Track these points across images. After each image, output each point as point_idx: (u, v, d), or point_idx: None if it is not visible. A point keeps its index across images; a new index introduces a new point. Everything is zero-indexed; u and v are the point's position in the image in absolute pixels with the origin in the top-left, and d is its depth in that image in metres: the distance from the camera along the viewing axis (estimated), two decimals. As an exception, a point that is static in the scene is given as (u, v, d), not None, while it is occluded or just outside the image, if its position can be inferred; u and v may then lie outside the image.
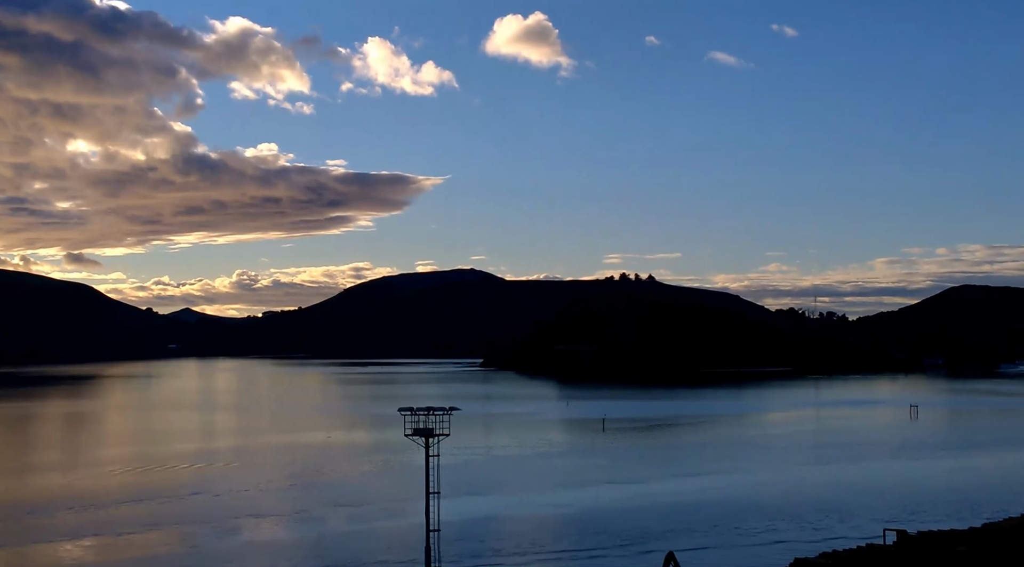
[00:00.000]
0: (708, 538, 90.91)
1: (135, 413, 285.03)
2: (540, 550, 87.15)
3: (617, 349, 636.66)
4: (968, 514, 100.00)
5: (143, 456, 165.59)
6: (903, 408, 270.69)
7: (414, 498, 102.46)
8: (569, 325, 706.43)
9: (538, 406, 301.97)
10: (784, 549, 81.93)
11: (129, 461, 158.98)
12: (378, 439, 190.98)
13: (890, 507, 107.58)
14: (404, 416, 67.30)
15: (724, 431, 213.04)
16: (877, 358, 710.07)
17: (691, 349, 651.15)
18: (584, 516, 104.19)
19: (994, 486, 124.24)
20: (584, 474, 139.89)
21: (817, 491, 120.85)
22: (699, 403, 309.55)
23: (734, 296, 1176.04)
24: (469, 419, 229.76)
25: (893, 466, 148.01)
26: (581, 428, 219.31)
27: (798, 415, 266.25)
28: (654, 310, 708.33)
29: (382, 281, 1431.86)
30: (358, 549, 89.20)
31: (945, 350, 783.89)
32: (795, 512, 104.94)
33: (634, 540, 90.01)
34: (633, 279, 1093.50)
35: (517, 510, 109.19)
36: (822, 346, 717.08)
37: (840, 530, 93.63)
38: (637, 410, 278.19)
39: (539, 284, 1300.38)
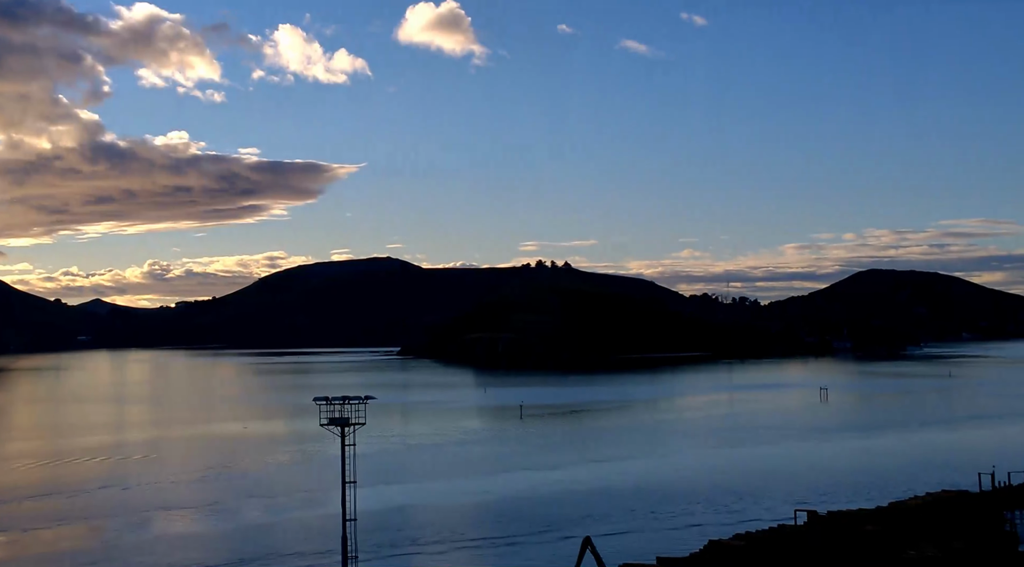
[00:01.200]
0: (625, 523, 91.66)
1: (42, 407, 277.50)
2: (458, 538, 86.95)
3: (534, 336, 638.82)
4: (876, 494, 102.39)
5: (50, 450, 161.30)
6: (813, 391, 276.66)
7: (330, 488, 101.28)
8: (486, 313, 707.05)
9: (456, 394, 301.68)
10: (700, 532, 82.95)
11: (35, 456, 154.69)
12: (294, 429, 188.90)
13: (801, 488, 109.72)
14: (319, 406, 66.41)
15: (640, 416, 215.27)
16: (788, 342, 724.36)
17: (607, 335, 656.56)
18: (502, 503, 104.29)
19: (900, 466, 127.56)
20: (501, 461, 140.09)
21: (731, 474, 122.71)
22: (615, 389, 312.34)
23: (649, 282, 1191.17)
24: (386, 408, 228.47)
25: (804, 448, 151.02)
26: (499, 415, 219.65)
27: (712, 399, 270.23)
28: (570, 297, 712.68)
29: (297, 270, 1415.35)
30: (274, 540, 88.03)
31: (853, 333, 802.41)
32: (710, 495, 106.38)
33: (552, 527, 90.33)
34: (550, 266, 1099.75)
35: (435, 499, 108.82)
36: (735, 331, 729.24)
37: (754, 512, 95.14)
38: (554, 397, 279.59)
39: (456, 272, 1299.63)
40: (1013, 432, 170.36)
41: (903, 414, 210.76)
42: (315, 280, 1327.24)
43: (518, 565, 77.23)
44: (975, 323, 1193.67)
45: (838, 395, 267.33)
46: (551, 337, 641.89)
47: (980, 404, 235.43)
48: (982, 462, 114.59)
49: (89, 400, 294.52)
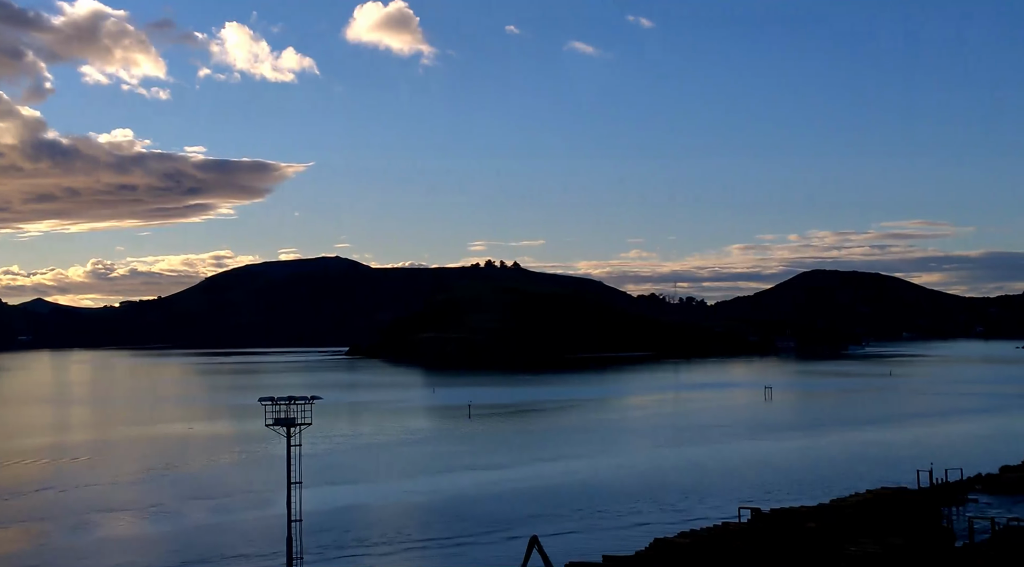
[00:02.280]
0: (572, 522, 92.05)
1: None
2: (405, 539, 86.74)
3: (483, 336, 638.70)
4: (818, 491, 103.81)
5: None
6: (758, 390, 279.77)
7: (275, 489, 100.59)
8: (435, 312, 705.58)
9: (404, 394, 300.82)
10: (646, 531, 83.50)
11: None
12: (240, 430, 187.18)
13: (746, 486, 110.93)
14: (265, 406, 65.90)
15: (587, 416, 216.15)
16: (733, 341, 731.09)
17: (556, 335, 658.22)
18: (449, 503, 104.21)
19: (841, 463, 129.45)
20: (449, 461, 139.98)
21: (677, 473, 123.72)
22: (563, 388, 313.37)
23: (597, 282, 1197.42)
24: (334, 408, 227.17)
25: (749, 446, 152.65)
26: (447, 415, 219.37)
27: (659, 399, 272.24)
28: (519, 297, 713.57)
29: (245, 269, 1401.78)
30: (218, 542, 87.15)
31: (797, 333, 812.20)
32: (656, 494, 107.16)
33: (499, 526, 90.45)
34: (499, 266, 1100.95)
35: (382, 499, 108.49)
36: (682, 330, 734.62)
37: (699, 510, 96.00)
38: (502, 396, 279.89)
39: (405, 272, 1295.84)
40: (950, 430, 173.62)
41: (844, 412, 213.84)
42: (262, 280, 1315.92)
43: (465, 565, 77.25)
44: (915, 322, 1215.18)
45: (782, 394, 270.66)
46: (500, 337, 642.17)
47: (919, 402, 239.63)
48: (920, 459, 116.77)
49: (28, 401, 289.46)
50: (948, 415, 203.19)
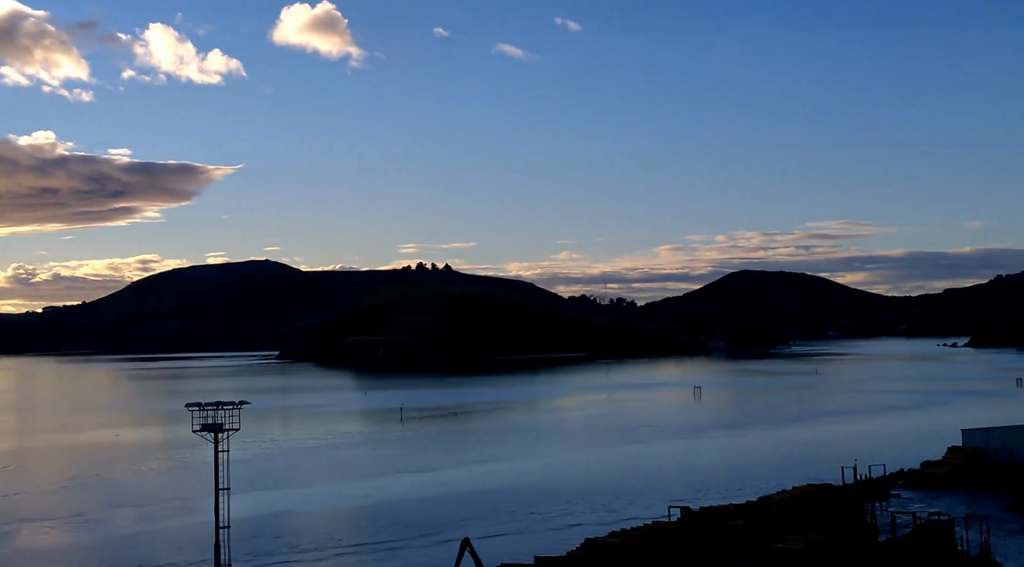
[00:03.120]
0: (504, 524, 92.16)
1: None
2: (337, 544, 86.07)
3: (415, 338, 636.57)
4: (747, 489, 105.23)
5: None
6: (688, 390, 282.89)
7: (203, 495, 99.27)
8: (366, 315, 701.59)
9: (335, 397, 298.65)
10: (578, 532, 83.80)
11: None
12: (167, 436, 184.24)
13: (676, 485, 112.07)
14: (192, 412, 65.00)
15: (519, 417, 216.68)
16: (664, 342, 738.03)
17: (488, 337, 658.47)
18: (381, 507, 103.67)
19: (769, 461, 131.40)
20: (381, 464, 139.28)
21: (608, 473, 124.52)
22: (495, 390, 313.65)
23: (528, 284, 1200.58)
24: (263, 413, 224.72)
25: (679, 446, 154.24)
26: (378, 418, 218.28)
27: (590, 399, 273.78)
28: (451, 299, 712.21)
29: (172, 274, 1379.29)
30: (144, 550, 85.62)
31: (726, 332, 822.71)
32: (588, 495, 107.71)
33: (431, 529, 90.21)
34: (430, 268, 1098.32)
35: (312, 504, 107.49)
36: (613, 331, 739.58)
37: (630, 510, 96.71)
38: (435, 399, 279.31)
39: (335, 275, 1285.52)
40: (874, 427, 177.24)
41: (772, 411, 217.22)
42: (190, 283, 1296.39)
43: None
44: (840, 321, 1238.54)
45: (711, 393, 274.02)
46: (432, 339, 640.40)
47: (843, 400, 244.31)
48: (845, 456, 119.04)
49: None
50: (872, 412, 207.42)
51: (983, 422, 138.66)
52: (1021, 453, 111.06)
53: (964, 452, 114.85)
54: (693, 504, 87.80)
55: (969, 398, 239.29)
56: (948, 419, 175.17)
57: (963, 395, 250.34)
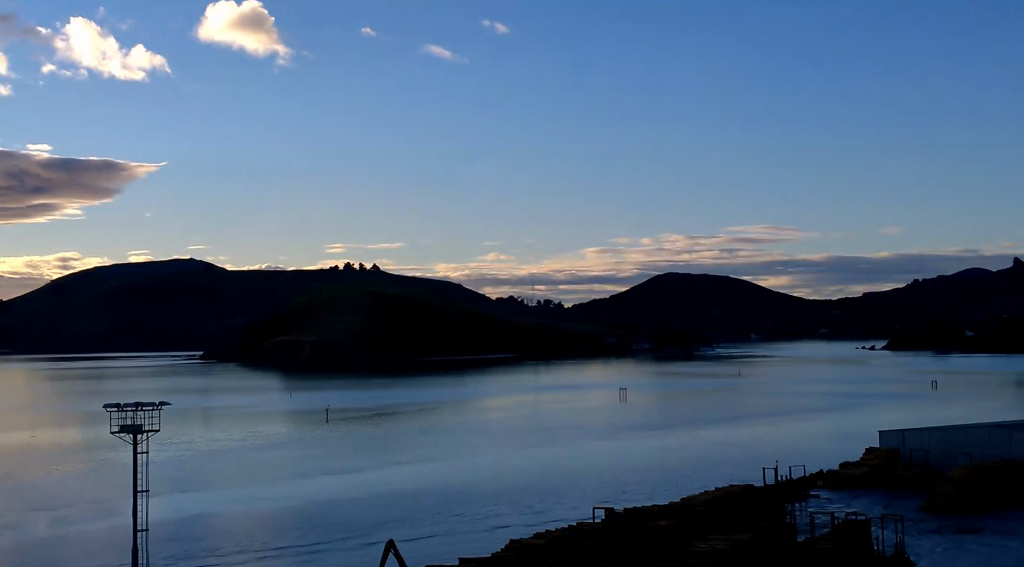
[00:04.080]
0: (429, 526, 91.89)
1: None
2: (260, 547, 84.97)
3: (342, 339, 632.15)
4: (671, 489, 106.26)
5: None
6: (614, 391, 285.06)
7: (122, 498, 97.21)
8: (293, 316, 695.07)
9: (260, 398, 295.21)
10: (504, 533, 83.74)
11: None
12: (85, 437, 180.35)
13: (601, 487, 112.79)
14: (110, 413, 63.77)
15: (446, 418, 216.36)
16: (590, 343, 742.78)
17: (415, 338, 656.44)
18: (305, 509, 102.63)
19: (692, 462, 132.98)
20: (306, 466, 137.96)
21: (534, 474, 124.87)
22: (422, 391, 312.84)
23: (456, 285, 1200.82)
24: (186, 413, 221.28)
25: (605, 447, 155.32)
26: (304, 419, 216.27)
27: (517, 401, 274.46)
28: (378, 300, 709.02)
29: (93, 272, 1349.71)
30: (59, 555, 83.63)
31: (652, 335, 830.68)
32: (513, 496, 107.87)
33: (356, 532, 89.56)
34: (358, 268, 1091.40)
35: (234, 506, 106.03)
36: (540, 333, 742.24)
37: (556, 511, 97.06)
38: (361, 400, 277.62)
39: (261, 274, 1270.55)
40: (794, 428, 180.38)
41: (696, 412, 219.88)
42: (111, 282, 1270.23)
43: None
44: (763, 324, 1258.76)
45: (636, 395, 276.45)
46: (359, 340, 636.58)
47: (765, 402, 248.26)
48: (766, 457, 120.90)
49: None
50: (793, 414, 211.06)
51: (899, 424, 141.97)
52: (936, 454, 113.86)
53: (881, 453, 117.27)
54: (618, 505, 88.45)
55: (886, 400, 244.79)
56: (866, 420, 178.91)
57: (880, 397, 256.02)
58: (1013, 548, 76.03)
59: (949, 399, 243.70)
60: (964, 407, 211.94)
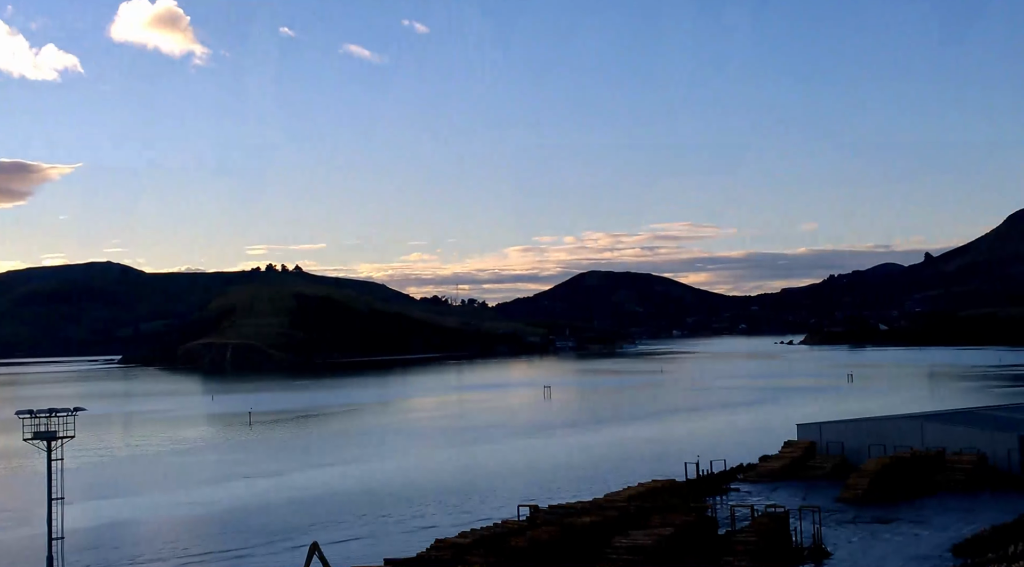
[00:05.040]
0: (355, 528, 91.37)
1: None
2: (181, 553, 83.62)
3: (264, 341, 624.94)
4: (596, 486, 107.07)
5: None
6: (538, 389, 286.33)
7: (36, 506, 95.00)
8: (213, 318, 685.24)
9: (180, 402, 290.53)
10: (430, 533, 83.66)
11: None
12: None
13: (527, 485, 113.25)
14: (23, 419, 62.34)
15: (370, 419, 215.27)
16: (515, 342, 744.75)
17: (338, 339, 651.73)
18: (228, 514, 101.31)
19: (616, 458, 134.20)
20: (228, 470, 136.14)
21: (459, 474, 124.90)
22: (346, 392, 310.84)
23: (380, 285, 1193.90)
24: (103, 419, 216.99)
25: (530, 445, 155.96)
26: (226, 423, 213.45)
27: (441, 400, 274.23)
28: (301, 301, 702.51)
29: (4, 276, 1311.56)
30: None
31: (575, 332, 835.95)
32: (439, 496, 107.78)
33: (280, 535, 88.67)
34: (280, 270, 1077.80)
35: (154, 512, 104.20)
36: (464, 332, 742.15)
37: (482, 510, 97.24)
38: (284, 402, 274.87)
39: (181, 277, 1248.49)
40: (715, 423, 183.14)
41: (619, 409, 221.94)
42: (24, 286, 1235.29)
43: (243, 576, 75.42)
44: (684, 320, 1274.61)
45: (560, 393, 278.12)
46: (281, 342, 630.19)
47: (687, 398, 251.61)
48: (688, 452, 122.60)
49: None
50: (714, 409, 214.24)
51: (817, 417, 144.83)
52: (851, 446, 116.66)
53: (799, 446, 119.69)
54: (542, 502, 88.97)
55: (804, 394, 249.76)
56: (784, 414, 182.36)
57: (798, 391, 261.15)
58: (925, 536, 78.21)
59: (864, 392, 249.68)
60: (878, 399, 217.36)
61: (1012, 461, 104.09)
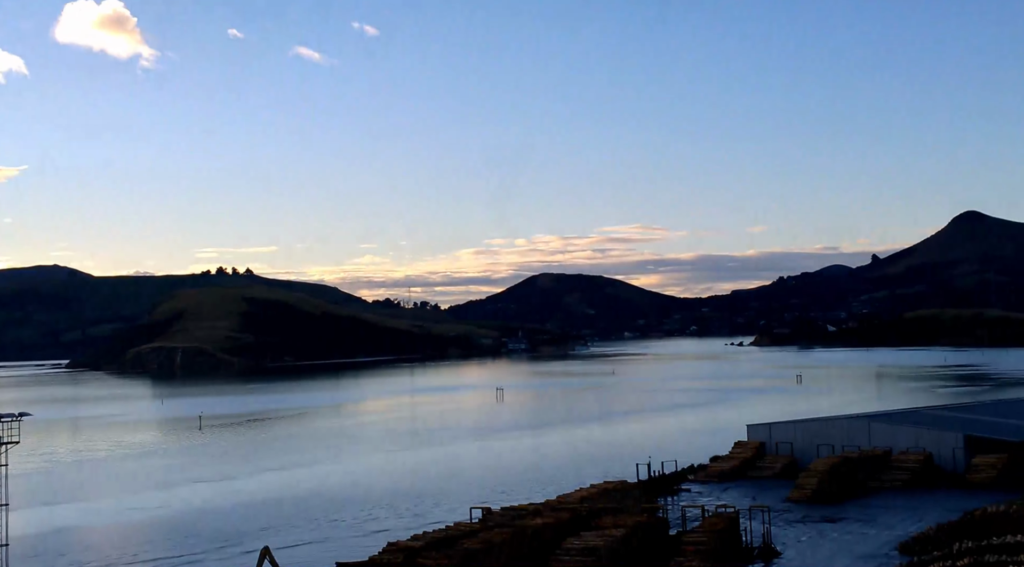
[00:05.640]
0: (307, 532, 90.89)
1: None
2: (130, 559, 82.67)
3: (214, 345, 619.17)
4: (549, 488, 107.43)
5: None
6: (490, 392, 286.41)
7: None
8: (163, 322, 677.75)
9: (129, 407, 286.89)
10: (382, 537, 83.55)
11: None
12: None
13: (480, 487, 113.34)
14: (-33, 426, 61.35)
15: (322, 423, 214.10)
16: (467, 344, 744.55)
17: (290, 342, 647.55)
18: (178, 519, 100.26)
19: (568, 460, 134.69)
20: (178, 474, 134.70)
21: (412, 477, 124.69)
22: (297, 396, 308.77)
23: (332, 288, 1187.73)
24: (49, 424, 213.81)
25: (482, 447, 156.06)
26: (176, 427, 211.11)
27: (393, 403, 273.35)
28: (252, 304, 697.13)
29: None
30: (-85, 577, 79.90)
31: (527, 334, 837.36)
32: (392, 499, 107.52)
33: (231, 540, 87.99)
34: (231, 273, 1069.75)
35: (102, 518, 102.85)
36: (416, 335, 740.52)
37: (434, 513, 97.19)
38: (235, 406, 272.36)
39: (130, 280, 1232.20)
40: (666, 424, 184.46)
41: (571, 411, 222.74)
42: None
43: (193, 582, 74.78)
44: (635, 322, 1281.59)
45: (513, 395, 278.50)
46: (232, 345, 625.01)
47: (639, 399, 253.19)
48: (640, 453, 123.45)
49: None
50: (665, 410, 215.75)
51: (766, 417, 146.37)
52: (800, 446, 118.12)
53: (749, 446, 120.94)
54: (495, 504, 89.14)
55: (754, 394, 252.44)
56: (734, 415, 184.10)
57: (748, 392, 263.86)
58: (871, 535, 79.44)
59: (812, 392, 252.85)
60: (826, 400, 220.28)
61: (957, 460, 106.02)
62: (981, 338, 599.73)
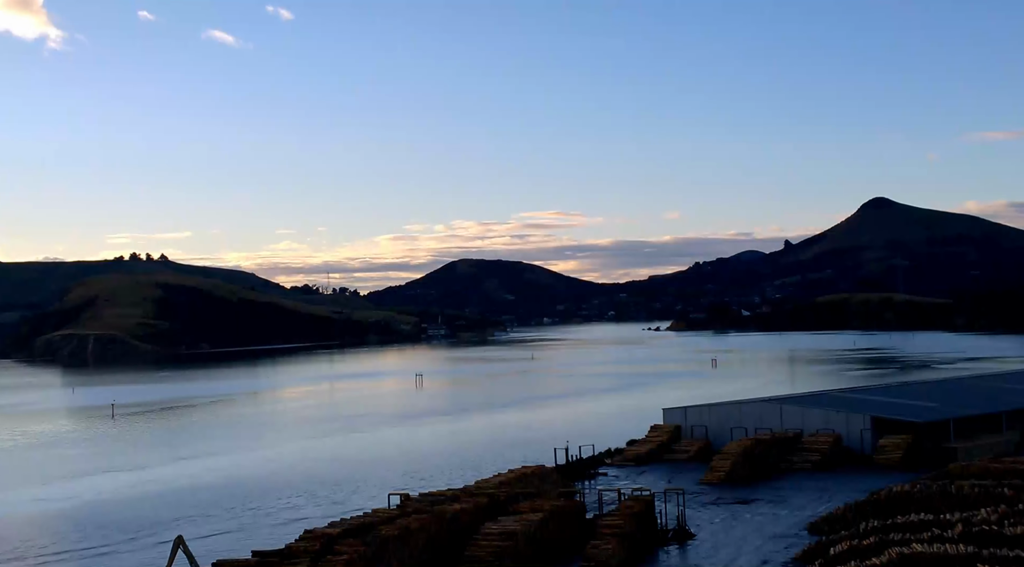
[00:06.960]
0: (222, 521, 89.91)
1: None
2: (38, 552, 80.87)
3: (127, 332, 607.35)
4: (468, 474, 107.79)
5: None
6: (409, 378, 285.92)
7: None
8: (73, 309, 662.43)
9: (37, 395, 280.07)
10: (300, 525, 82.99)
11: None
12: None
13: (398, 473, 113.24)
14: None
15: (238, 410, 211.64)
16: (386, 330, 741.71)
17: (205, 328, 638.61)
18: (88, 510, 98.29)
19: (488, 446, 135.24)
20: (88, 464, 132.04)
21: (330, 464, 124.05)
22: (213, 383, 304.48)
23: (249, 274, 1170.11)
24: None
25: (401, 434, 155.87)
26: (87, 416, 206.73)
27: (311, 390, 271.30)
28: (166, 291, 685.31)
29: None
30: None
31: (447, 320, 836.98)
32: (309, 487, 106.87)
33: (144, 531, 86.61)
34: (145, 259, 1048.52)
35: (10, 509, 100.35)
36: (335, 321, 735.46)
37: (353, 500, 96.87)
38: (149, 394, 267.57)
39: (38, 266, 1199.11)
40: (585, 408, 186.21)
41: (490, 396, 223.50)
42: None
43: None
44: (554, 308, 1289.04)
45: (432, 381, 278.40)
46: (146, 332, 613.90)
47: (557, 384, 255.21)
48: (558, 438, 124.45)
49: None
50: (583, 394, 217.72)
51: (682, 401, 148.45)
52: (714, 429, 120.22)
53: (665, 430, 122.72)
54: (414, 491, 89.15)
55: (670, 378, 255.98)
56: (651, 399, 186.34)
57: (665, 376, 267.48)
58: (783, 515, 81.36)
59: (727, 376, 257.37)
60: (740, 383, 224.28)
61: (864, 441, 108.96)
62: (889, 322, 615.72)
